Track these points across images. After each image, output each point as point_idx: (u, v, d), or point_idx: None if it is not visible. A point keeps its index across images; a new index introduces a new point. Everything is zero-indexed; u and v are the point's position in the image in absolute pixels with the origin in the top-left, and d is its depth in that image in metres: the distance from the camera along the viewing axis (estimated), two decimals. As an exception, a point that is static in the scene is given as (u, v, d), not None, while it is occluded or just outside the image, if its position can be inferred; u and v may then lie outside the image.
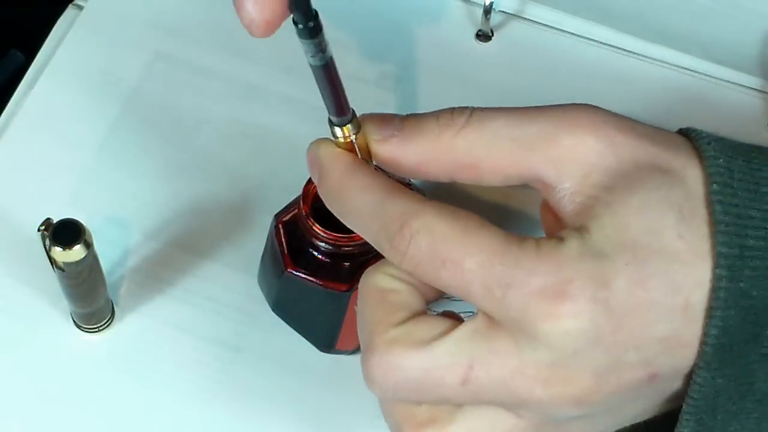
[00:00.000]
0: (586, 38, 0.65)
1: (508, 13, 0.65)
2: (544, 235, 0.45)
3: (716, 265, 0.42)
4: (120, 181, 0.61)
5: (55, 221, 0.52)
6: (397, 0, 0.65)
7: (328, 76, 0.44)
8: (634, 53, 0.64)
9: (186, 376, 0.57)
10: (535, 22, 0.65)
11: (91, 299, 0.56)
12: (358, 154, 0.47)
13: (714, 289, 0.43)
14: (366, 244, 0.52)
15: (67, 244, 0.51)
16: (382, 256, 0.45)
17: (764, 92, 0.63)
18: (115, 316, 0.58)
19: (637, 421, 0.46)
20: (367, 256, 0.53)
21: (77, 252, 0.52)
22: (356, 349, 0.58)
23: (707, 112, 0.63)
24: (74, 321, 0.58)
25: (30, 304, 0.58)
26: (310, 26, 0.43)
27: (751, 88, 0.63)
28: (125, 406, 0.57)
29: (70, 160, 0.62)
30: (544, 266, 0.42)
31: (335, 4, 0.66)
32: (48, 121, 0.63)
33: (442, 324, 0.44)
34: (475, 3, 0.65)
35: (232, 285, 0.59)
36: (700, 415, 0.44)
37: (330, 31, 0.65)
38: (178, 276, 0.59)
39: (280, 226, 0.55)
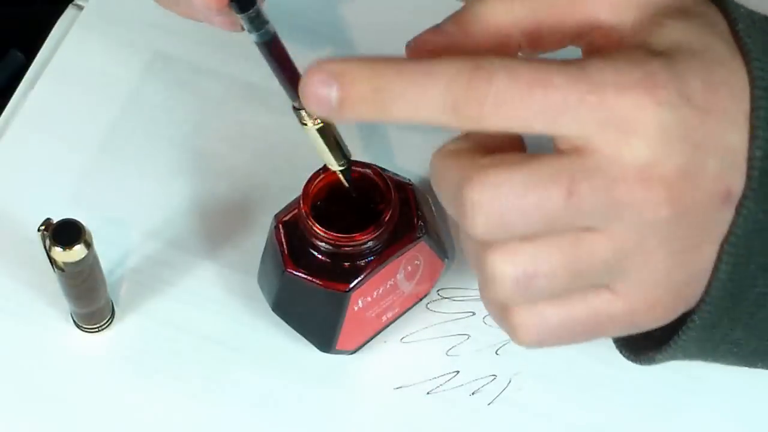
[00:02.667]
0: (586, 38, 0.64)
1: (508, 13, 0.65)
2: None
3: (754, 86, 0.43)
4: (120, 181, 0.61)
5: (55, 221, 0.52)
6: (397, 0, 0.65)
7: (275, 54, 0.45)
8: (634, 53, 0.64)
9: (186, 376, 0.57)
10: (535, 22, 0.65)
11: (91, 299, 0.56)
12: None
13: (753, 109, 0.43)
14: (365, 244, 0.52)
15: (67, 244, 0.52)
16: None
17: (764, 92, 0.63)
18: (115, 316, 0.58)
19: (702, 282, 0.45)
20: (367, 257, 0.53)
21: (77, 252, 0.52)
22: (356, 349, 0.58)
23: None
24: (74, 321, 0.58)
25: (30, 304, 0.58)
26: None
27: (751, 88, 0.63)
28: (125, 406, 0.57)
29: (70, 160, 0.62)
30: (629, 63, 0.42)
31: (336, 4, 0.66)
32: (48, 121, 0.63)
33: (528, 155, 0.43)
34: (475, 3, 0.65)
35: (232, 285, 0.59)
36: (738, 259, 0.44)
37: (331, 32, 0.65)
38: (178, 276, 0.59)
39: (280, 226, 0.55)
